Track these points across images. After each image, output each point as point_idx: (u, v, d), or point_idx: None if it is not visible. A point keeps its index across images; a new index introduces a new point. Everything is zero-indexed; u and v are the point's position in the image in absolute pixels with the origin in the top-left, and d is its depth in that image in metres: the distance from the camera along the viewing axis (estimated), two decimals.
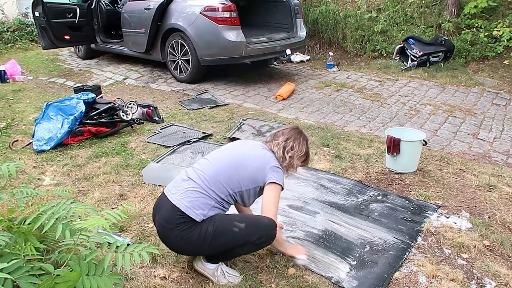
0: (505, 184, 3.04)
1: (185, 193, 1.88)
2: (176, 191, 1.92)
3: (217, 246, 1.88)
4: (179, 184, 1.95)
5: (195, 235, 1.83)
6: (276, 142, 2.07)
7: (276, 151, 2.05)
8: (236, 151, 2.06)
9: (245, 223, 1.89)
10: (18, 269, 1.39)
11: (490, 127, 4.31)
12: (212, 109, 4.84)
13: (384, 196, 2.86)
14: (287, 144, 2.07)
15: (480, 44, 6.48)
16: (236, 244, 1.89)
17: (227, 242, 1.87)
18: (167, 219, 1.87)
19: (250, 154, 2.02)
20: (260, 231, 1.89)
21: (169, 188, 1.98)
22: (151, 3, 5.79)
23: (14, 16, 9.86)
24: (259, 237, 1.88)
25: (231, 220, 1.91)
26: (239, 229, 1.86)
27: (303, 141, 2.13)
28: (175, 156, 3.49)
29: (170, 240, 1.91)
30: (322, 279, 2.04)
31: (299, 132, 2.16)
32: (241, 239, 1.88)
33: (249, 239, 1.87)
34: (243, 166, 1.95)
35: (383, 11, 7.61)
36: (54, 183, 3.06)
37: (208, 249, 1.92)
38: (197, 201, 1.85)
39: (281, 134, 2.11)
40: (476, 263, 2.17)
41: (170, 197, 1.91)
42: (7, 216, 1.63)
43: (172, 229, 1.85)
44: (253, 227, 1.90)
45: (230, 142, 2.23)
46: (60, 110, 3.84)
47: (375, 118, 4.59)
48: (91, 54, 7.50)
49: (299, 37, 6.03)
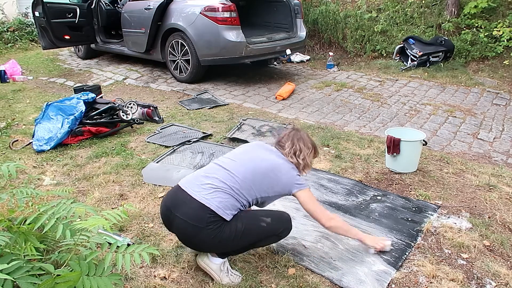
0: (505, 184, 3.04)
1: (214, 193, 1.87)
2: (201, 188, 1.90)
3: (247, 241, 1.96)
4: (201, 181, 1.93)
5: (226, 233, 1.87)
6: (286, 152, 2.10)
7: (292, 161, 2.08)
8: (259, 159, 2.05)
9: (271, 217, 2.00)
10: (18, 269, 1.39)
11: (490, 127, 4.31)
12: (212, 109, 4.84)
13: (384, 196, 2.86)
14: (296, 148, 2.10)
15: (480, 44, 6.48)
16: (263, 237, 1.99)
17: (256, 236, 1.97)
18: (196, 218, 1.85)
19: (277, 164, 2.04)
20: (283, 224, 2.04)
21: (189, 184, 1.94)
22: (151, 3, 5.79)
23: (14, 16, 9.86)
24: (283, 230, 2.03)
25: (257, 215, 2.00)
26: (267, 223, 1.97)
27: (305, 138, 2.16)
28: (175, 156, 3.49)
29: (200, 239, 1.88)
30: (322, 279, 2.04)
31: (297, 130, 2.19)
32: (269, 232, 1.99)
33: (275, 232, 2.01)
34: (269, 177, 1.99)
35: (383, 11, 7.61)
36: (54, 183, 3.06)
37: (238, 245, 1.97)
38: (227, 202, 1.88)
39: (284, 141, 2.13)
40: (476, 263, 2.17)
41: (194, 194, 1.88)
42: (7, 216, 1.64)
43: (203, 228, 1.84)
44: (278, 221, 2.02)
45: (249, 145, 2.22)
46: (60, 110, 3.84)
47: (375, 118, 4.60)
48: (91, 54, 7.51)
49: (299, 37, 6.03)
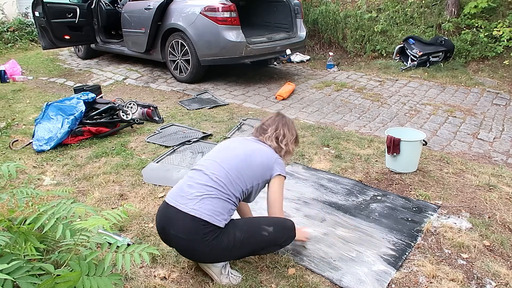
0: (505, 184, 3.04)
1: (202, 201, 1.80)
2: (187, 200, 1.82)
3: (247, 250, 1.92)
4: (186, 191, 1.85)
5: (225, 243, 1.81)
6: (267, 135, 2.08)
7: (270, 144, 2.06)
8: (238, 150, 2.03)
9: (273, 226, 1.94)
10: (18, 269, 1.39)
11: (490, 127, 4.31)
12: (212, 109, 4.84)
13: (384, 196, 2.86)
14: (278, 133, 2.08)
15: (480, 44, 6.48)
16: (264, 246, 1.95)
17: (257, 245, 1.92)
18: (191, 231, 1.78)
19: (254, 149, 2.01)
20: (286, 233, 1.98)
21: (175, 198, 1.87)
22: (151, 3, 5.79)
23: (14, 16, 9.87)
24: (285, 239, 1.99)
25: (259, 224, 1.95)
26: (268, 233, 1.91)
27: (290, 124, 2.15)
28: (175, 156, 3.49)
29: (200, 251, 1.83)
30: (322, 279, 2.04)
31: (283, 116, 2.17)
32: (270, 242, 1.94)
33: (277, 242, 1.96)
34: (251, 163, 1.95)
35: (383, 11, 7.61)
36: (54, 183, 3.06)
37: (238, 254, 1.93)
38: (217, 206, 1.81)
39: (267, 125, 2.11)
40: (476, 263, 2.17)
41: (182, 208, 1.81)
42: (7, 216, 1.63)
43: (200, 241, 1.78)
44: (280, 230, 1.96)
45: (224, 142, 2.18)
46: (60, 110, 3.84)
47: (375, 118, 4.60)
48: (91, 54, 7.51)
49: (299, 37, 6.03)
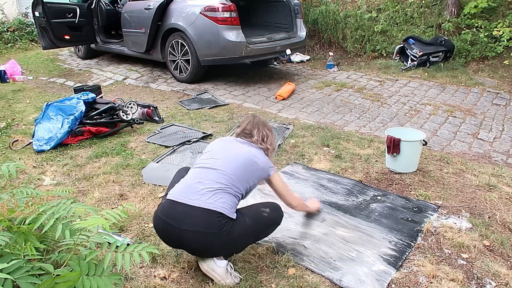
0: (505, 184, 3.03)
1: (214, 195, 1.88)
2: (199, 195, 1.88)
3: (255, 235, 2.03)
4: (196, 187, 1.92)
5: (238, 231, 1.91)
6: (254, 139, 2.16)
7: (261, 146, 2.16)
8: (239, 150, 2.10)
9: (268, 207, 2.08)
10: (18, 269, 1.39)
11: (490, 127, 4.31)
12: (212, 109, 4.84)
13: (384, 196, 2.86)
14: (263, 135, 2.18)
15: (480, 44, 6.48)
16: (267, 227, 2.08)
17: (262, 225, 2.04)
18: (207, 225, 1.83)
19: (252, 152, 2.10)
20: (279, 211, 2.12)
21: (183, 195, 1.91)
22: (151, 3, 5.79)
23: (14, 16, 9.87)
24: (280, 217, 2.12)
25: (257, 208, 2.07)
26: (267, 213, 2.05)
27: (266, 123, 2.26)
28: (175, 156, 3.49)
29: (215, 244, 1.88)
30: (322, 279, 2.04)
31: (258, 118, 2.27)
32: (271, 221, 2.08)
33: (275, 221, 2.09)
34: (252, 164, 2.06)
35: (383, 11, 7.61)
36: (54, 183, 3.06)
37: (247, 240, 2.03)
38: (229, 200, 1.91)
39: (250, 129, 2.18)
40: (476, 263, 2.17)
41: (194, 203, 1.86)
42: (7, 216, 1.64)
43: (217, 233, 1.84)
44: (274, 210, 2.10)
45: (217, 142, 2.21)
46: (60, 110, 3.84)
47: (375, 118, 4.59)
48: (91, 54, 7.51)
49: (299, 37, 6.02)
